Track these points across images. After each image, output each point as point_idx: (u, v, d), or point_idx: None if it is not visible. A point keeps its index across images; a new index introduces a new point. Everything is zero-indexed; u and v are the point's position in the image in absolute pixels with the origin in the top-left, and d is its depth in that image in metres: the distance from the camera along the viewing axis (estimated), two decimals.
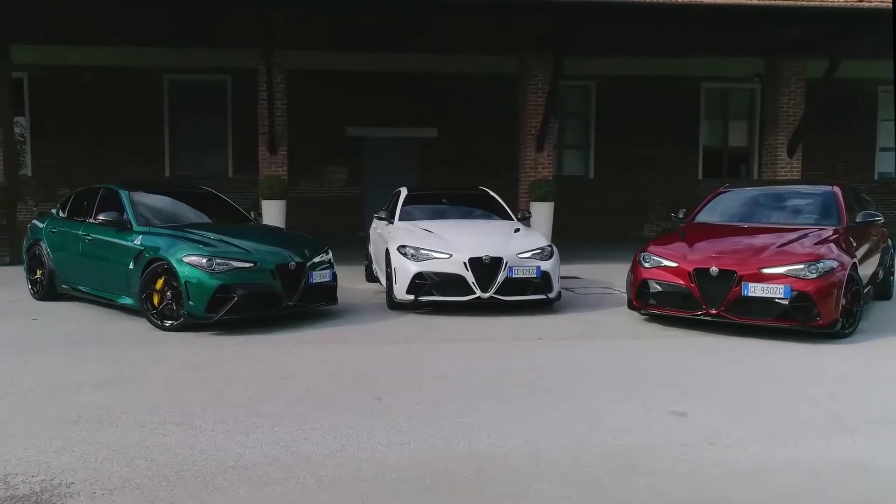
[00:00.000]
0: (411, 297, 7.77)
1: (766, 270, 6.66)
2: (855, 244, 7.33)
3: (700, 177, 18.92)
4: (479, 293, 7.69)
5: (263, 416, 4.50)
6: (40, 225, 8.73)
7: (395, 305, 8.02)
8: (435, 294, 7.77)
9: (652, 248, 7.51)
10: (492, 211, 9.37)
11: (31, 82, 15.94)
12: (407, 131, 17.63)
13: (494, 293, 7.72)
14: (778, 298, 6.57)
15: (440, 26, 13.24)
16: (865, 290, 7.92)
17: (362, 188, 17.67)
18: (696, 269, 6.95)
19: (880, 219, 7.78)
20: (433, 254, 7.78)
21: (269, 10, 11.21)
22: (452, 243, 7.91)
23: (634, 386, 5.26)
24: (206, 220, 8.03)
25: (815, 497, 3.48)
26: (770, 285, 6.60)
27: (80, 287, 7.99)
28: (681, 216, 8.71)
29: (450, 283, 7.72)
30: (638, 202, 18.14)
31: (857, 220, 7.65)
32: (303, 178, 17.13)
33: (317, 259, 7.44)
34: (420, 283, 7.73)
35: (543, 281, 7.87)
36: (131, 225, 7.45)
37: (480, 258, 7.66)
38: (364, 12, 11.85)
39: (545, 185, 13.43)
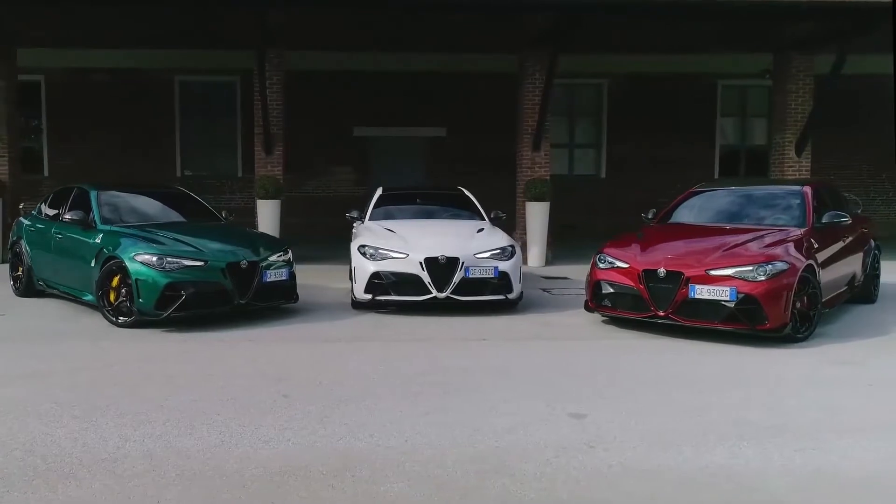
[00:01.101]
0: (369, 296, 7.82)
1: (713, 272, 6.53)
2: (818, 246, 7.13)
3: (716, 176, 18.60)
4: (435, 293, 7.70)
5: (164, 411, 4.60)
6: (24, 223, 9.04)
7: (357, 305, 8.08)
8: (392, 294, 7.81)
9: (607, 248, 7.42)
10: (465, 211, 9.37)
11: (47, 85, 16.47)
12: (415, 131, 17.68)
13: (451, 293, 7.72)
14: (724, 301, 6.44)
15: (437, 26, 13.28)
16: (837, 293, 7.72)
17: (370, 188, 17.75)
18: (644, 271, 6.85)
19: (846, 220, 7.54)
20: (391, 253, 7.82)
21: (262, 10, 11.36)
22: (411, 243, 7.94)
23: (550, 387, 5.21)
24: (172, 219, 8.22)
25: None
26: (716, 287, 6.47)
27: (52, 284, 8.25)
28: (650, 216, 8.60)
29: (406, 282, 7.75)
30: (651, 202, 17.77)
31: (823, 221, 7.43)
32: (311, 178, 17.39)
33: (272, 258, 7.54)
34: (377, 282, 7.78)
35: (502, 281, 7.84)
36: (95, 224, 7.67)
37: (436, 258, 7.67)
38: (359, 10, 11.91)
39: (541, 185, 13.32)
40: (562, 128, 18.55)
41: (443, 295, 7.70)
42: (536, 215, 13.22)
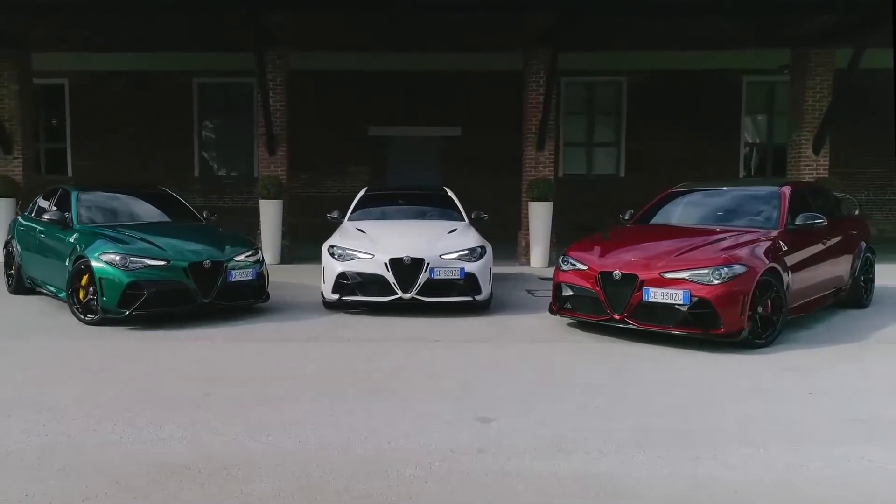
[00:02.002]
0: (336, 296, 7.87)
1: (667, 275, 6.38)
2: (788, 248, 6.90)
3: (741, 175, 18.17)
4: (400, 294, 7.70)
5: (83, 407, 4.70)
6: (18, 222, 9.36)
7: (328, 305, 8.13)
8: (358, 294, 7.84)
9: (571, 250, 7.31)
10: (445, 211, 9.34)
11: (71, 88, 17.01)
12: (430, 130, 17.72)
13: (416, 294, 7.71)
14: (678, 305, 6.28)
15: (442, 25, 13.25)
16: (815, 297, 7.46)
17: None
18: (601, 273, 6.73)
19: (820, 222, 7.26)
20: (357, 254, 7.85)
21: (258, 11, 11.51)
22: (379, 244, 7.95)
23: (473, 390, 5.17)
24: (149, 220, 8.40)
25: None
26: (670, 290, 6.32)
27: (37, 282, 8.53)
28: (626, 217, 8.44)
29: (372, 283, 7.76)
30: None
31: (797, 223, 7.19)
32: (327, 178, 17.57)
33: (239, 258, 7.65)
34: (344, 282, 7.82)
35: (469, 283, 7.79)
36: (72, 223, 7.90)
37: (401, 259, 7.67)
38: (360, 10, 11.96)
39: (543, 185, 13.19)
40: (580, 126, 18.38)
41: (408, 296, 7.70)
42: (539, 215, 13.11)
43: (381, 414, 4.64)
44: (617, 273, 6.59)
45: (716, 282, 6.20)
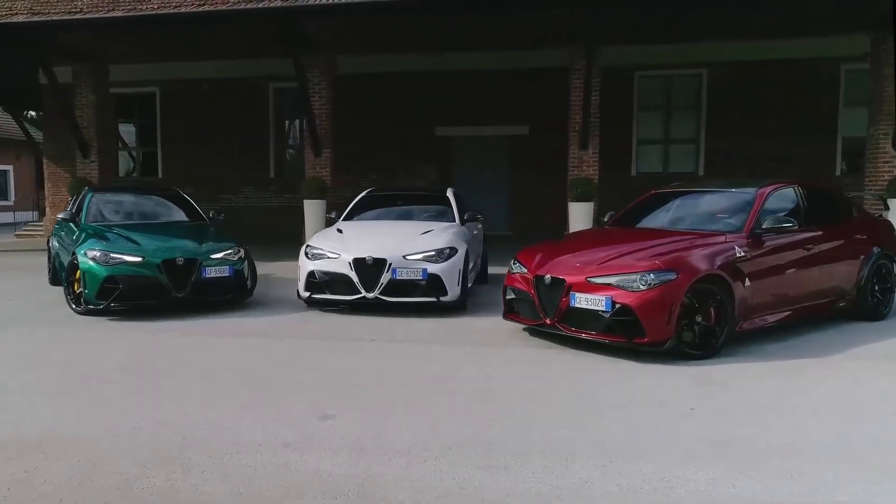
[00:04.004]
0: (308, 294, 8.14)
1: (594, 280, 6.11)
2: (750, 254, 6.40)
3: (838, 172, 16.79)
4: (364, 293, 7.85)
5: None
6: (57, 219, 10.35)
7: (308, 302, 8.41)
8: (327, 293, 8.06)
9: (520, 253, 7.16)
10: (439, 212, 9.37)
11: (161, 95, 18.46)
12: (497, 129, 17.70)
13: (379, 294, 7.82)
14: (601, 311, 6.01)
15: (482, 22, 13.25)
16: (798, 308, 6.88)
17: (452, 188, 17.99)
18: (535, 277, 6.55)
19: (790, 226, 6.66)
20: (327, 254, 8.08)
21: (294, 19, 12.03)
22: (349, 244, 8.13)
23: (346, 389, 5.23)
24: (151, 219, 9.06)
25: None
26: (594, 296, 6.05)
27: (59, 274, 9.42)
28: (605, 220, 8.13)
29: (338, 282, 7.96)
30: None
31: (764, 227, 6.65)
32: (394, 178, 17.95)
33: (216, 256, 8.09)
34: (314, 281, 8.07)
35: (432, 283, 7.80)
36: (81, 222, 8.67)
37: (364, 259, 7.81)
38: (375, 13, 12.20)
39: (584, 184, 12.87)
40: (656, 122, 17.69)
41: (371, 295, 7.83)
42: (580, 216, 12.78)
43: (234, 407, 4.81)
44: (547, 277, 6.41)
45: (642, 288, 5.88)
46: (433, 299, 7.85)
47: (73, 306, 7.95)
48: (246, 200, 18.26)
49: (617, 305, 5.92)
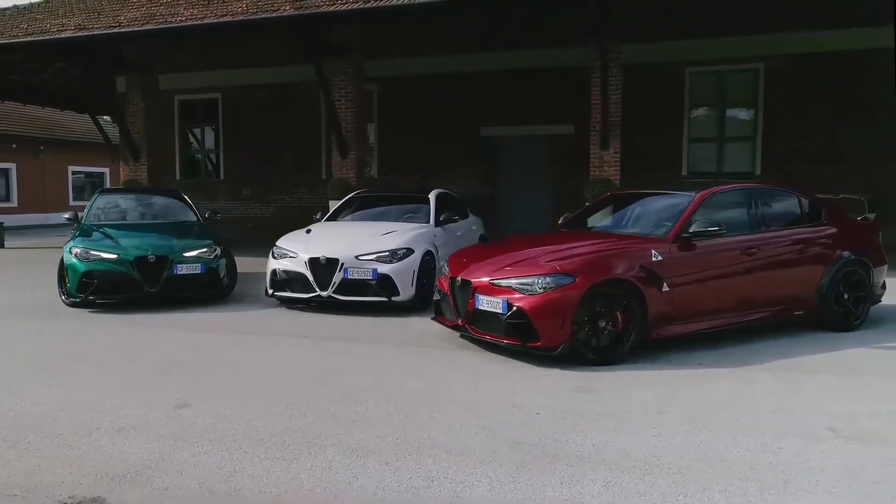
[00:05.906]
0: (272, 291, 8.50)
1: (496, 282, 6.10)
2: (672, 259, 6.19)
3: None
4: (318, 291, 8.11)
5: None
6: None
7: (279, 300, 8.76)
8: (287, 290, 8.39)
9: (452, 255, 7.20)
10: (415, 214, 9.49)
11: (223, 101, 19.49)
12: (542, 129, 17.55)
13: (333, 293, 8.07)
14: (500, 314, 6.00)
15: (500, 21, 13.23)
16: (737, 317, 6.58)
17: (496, 188, 18.03)
18: (451, 278, 6.59)
19: (715, 230, 6.34)
20: (288, 253, 8.41)
21: (314, 27, 12.47)
22: (311, 244, 8.42)
23: (221, 381, 5.52)
24: (146, 219, 9.70)
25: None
26: (494, 299, 6.05)
27: None
28: (560, 221, 8.01)
29: (296, 280, 8.28)
30: None
31: (691, 231, 6.38)
32: (436, 178, 18.13)
33: (190, 254, 8.58)
34: (275, 279, 8.42)
35: (382, 283, 7.97)
36: (81, 221, 9.43)
37: (318, 258, 8.08)
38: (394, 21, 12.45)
39: (602, 185, 12.57)
40: (709, 120, 16.99)
41: (325, 293, 8.09)
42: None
43: (117, 395, 5.18)
44: (459, 279, 6.44)
45: (539, 291, 5.83)
46: (384, 299, 8.00)
47: (63, 298, 8.67)
48: (300, 201, 18.97)
49: (513, 308, 5.88)
